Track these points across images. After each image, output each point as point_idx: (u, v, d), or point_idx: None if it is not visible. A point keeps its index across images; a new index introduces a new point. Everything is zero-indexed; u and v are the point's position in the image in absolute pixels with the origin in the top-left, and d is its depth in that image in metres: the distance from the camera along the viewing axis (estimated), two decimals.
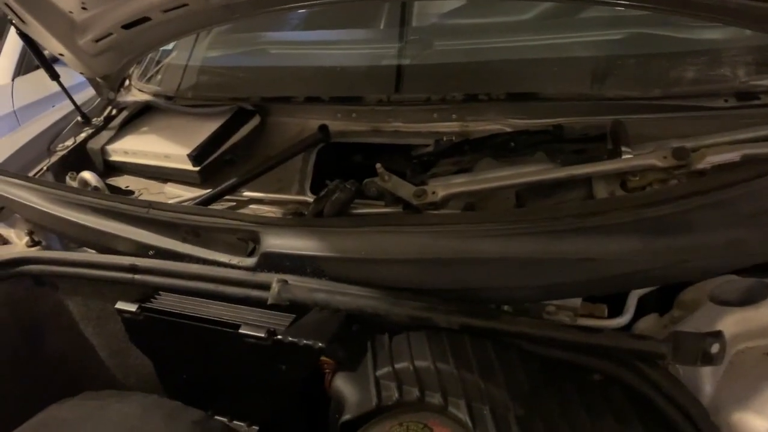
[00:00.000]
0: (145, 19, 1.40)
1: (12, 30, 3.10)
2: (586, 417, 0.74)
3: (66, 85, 1.72)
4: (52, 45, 1.50)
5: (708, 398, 0.75)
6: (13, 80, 2.98)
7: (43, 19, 1.42)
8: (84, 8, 1.40)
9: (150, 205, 1.11)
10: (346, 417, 0.80)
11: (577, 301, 0.88)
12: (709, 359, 0.70)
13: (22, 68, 3.07)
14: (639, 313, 0.92)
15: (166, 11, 1.35)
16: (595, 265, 0.75)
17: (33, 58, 3.09)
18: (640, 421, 0.73)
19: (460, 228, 0.83)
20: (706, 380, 0.76)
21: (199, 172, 1.46)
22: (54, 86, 3.11)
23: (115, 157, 1.62)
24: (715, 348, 0.69)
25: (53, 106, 2.96)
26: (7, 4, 1.36)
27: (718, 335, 0.70)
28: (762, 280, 0.84)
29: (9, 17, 1.46)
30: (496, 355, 0.80)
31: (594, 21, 1.37)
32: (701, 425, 0.69)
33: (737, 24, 1.05)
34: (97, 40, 1.49)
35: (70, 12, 1.42)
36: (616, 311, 0.89)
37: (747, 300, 0.82)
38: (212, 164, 1.47)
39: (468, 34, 1.53)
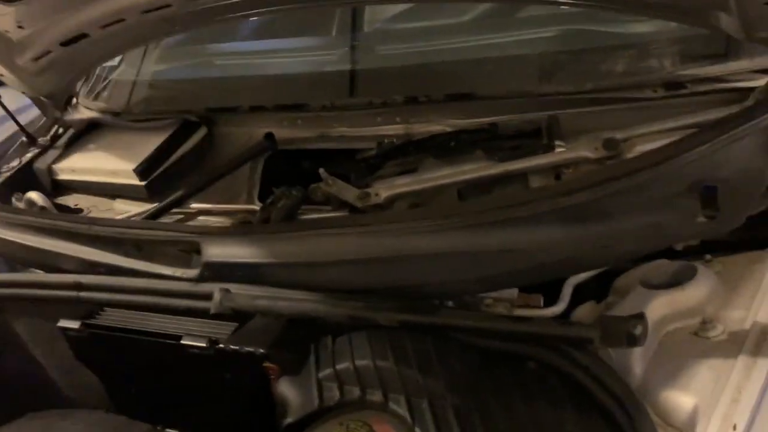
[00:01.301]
0: (83, 36, 1.39)
1: None
2: (521, 403, 0.75)
3: (12, 107, 1.70)
4: None
5: (639, 379, 0.77)
6: None
7: None
8: (20, 27, 1.39)
9: (91, 221, 1.11)
10: (289, 420, 0.80)
11: (513, 292, 0.90)
12: (633, 341, 0.72)
13: None
14: (577, 301, 0.94)
15: (104, 27, 1.35)
16: (520, 256, 0.77)
17: None
18: (573, 404, 0.75)
19: (394, 227, 0.85)
20: (636, 362, 0.78)
21: (146, 186, 1.45)
22: None
23: (62, 176, 1.60)
24: (638, 330, 0.72)
25: None
26: None
27: (640, 317, 0.73)
28: (688, 262, 0.87)
29: None
30: (435, 350, 0.82)
31: (529, 19, 1.40)
32: (628, 405, 0.71)
33: (663, 17, 1.09)
34: (37, 59, 1.47)
35: (7, 31, 1.40)
36: (553, 300, 0.91)
37: (675, 282, 0.84)
38: (159, 178, 1.47)
39: (413, 37, 1.55)
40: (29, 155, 1.66)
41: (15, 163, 1.64)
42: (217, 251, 0.97)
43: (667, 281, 0.85)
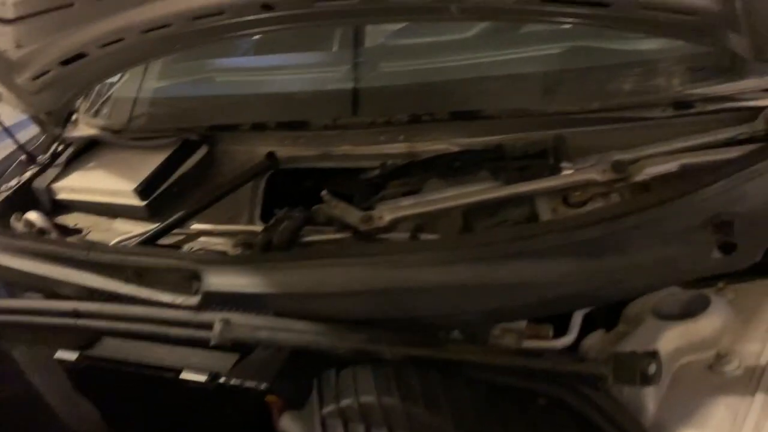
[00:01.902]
0: (82, 55, 1.38)
1: None
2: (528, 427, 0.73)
3: (9, 122, 1.68)
4: None
5: (651, 416, 0.75)
6: None
7: None
8: (19, 46, 1.37)
9: (90, 247, 1.09)
10: None
11: (522, 323, 0.88)
12: (647, 380, 0.70)
13: None
14: (587, 328, 0.92)
15: (103, 46, 1.33)
16: (531, 289, 0.75)
17: None
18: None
19: (401, 258, 0.83)
20: (649, 399, 0.75)
21: (146, 206, 1.43)
22: None
23: (62, 195, 1.58)
24: (652, 368, 0.69)
25: None
26: None
27: (653, 355, 0.70)
28: (701, 292, 0.85)
29: None
30: (441, 385, 0.80)
31: (534, 36, 1.38)
32: None
33: (672, 36, 1.07)
34: (36, 78, 1.46)
35: (5, 51, 1.39)
36: (562, 330, 0.89)
37: (688, 313, 0.82)
38: (159, 198, 1.45)
39: (416, 54, 1.53)
40: (28, 174, 1.65)
41: (14, 182, 1.63)
42: (217, 280, 0.95)
43: (679, 311, 0.83)
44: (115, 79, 1.81)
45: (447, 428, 0.75)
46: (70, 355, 1.02)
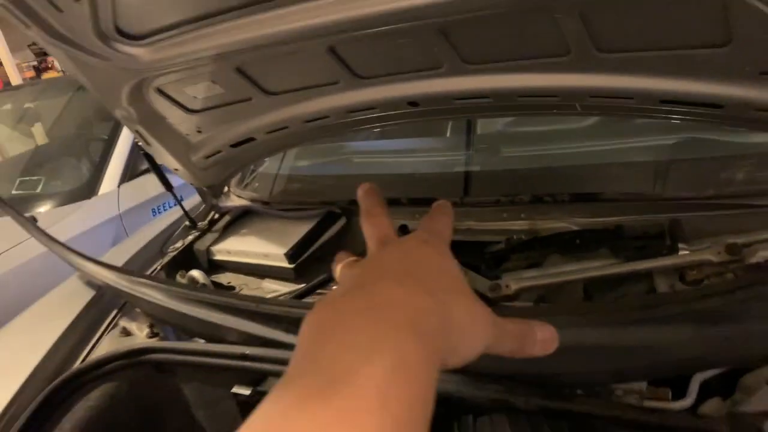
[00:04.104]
0: (250, 139, 1.63)
1: (119, 144, 3.52)
2: None
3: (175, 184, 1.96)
4: (169, 161, 1.76)
5: None
6: (119, 187, 3.32)
7: (164, 142, 1.67)
8: (199, 131, 1.65)
9: (260, 300, 1.28)
10: None
11: (642, 385, 0.97)
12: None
13: (126, 177, 3.43)
14: (704, 396, 1.00)
15: (269, 132, 1.58)
16: (654, 352, 0.85)
17: (134, 167, 3.46)
18: None
19: (542, 317, 0.95)
20: None
21: (294, 269, 1.63)
22: (149, 192, 3.47)
23: (218, 257, 1.82)
24: (766, 425, 0.77)
25: (152, 210, 3.30)
26: (137, 131, 1.62)
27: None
28: None
29: (136, 139, 1.72)
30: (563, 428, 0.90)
31: (648, 126, 1.51)
32: None
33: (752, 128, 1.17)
34: (208, 157, 1.73)
35: (187, 135, 1.67)
36: (680, 395, 0.98)
37: None
38: (305, 261, 1.65)
39: (530, 141, 1.69)
40: (190, 237, 1.91)
41: (179, 244, 1.89)
42: None
43: None
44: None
45: None
46: (245, 390, 1.20)
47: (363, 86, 1.34)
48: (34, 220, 1.74)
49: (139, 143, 1.71)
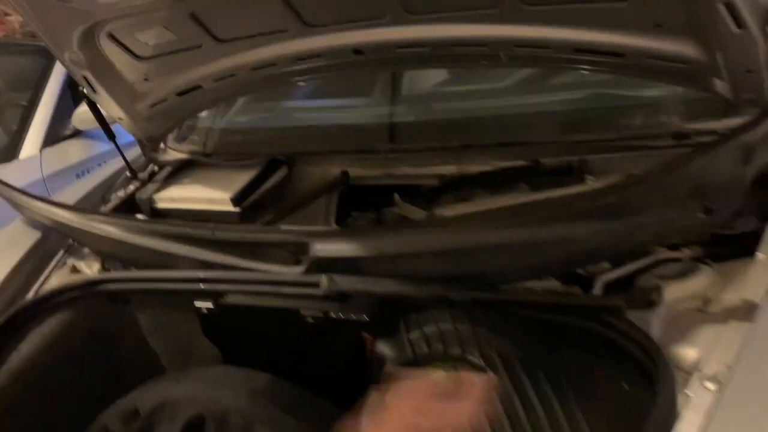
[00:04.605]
0: (197, 87, 1.71)
1: (39, 110, 3.44)
2: (569, 354, 1.00)
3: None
4: (113, 110, 1.80)
5: (656, 337, 1.02)
6: (41, 151, 3.27)
7: (110, 89, 1.72)
8: (146, 80, 1.71)
9: (214, 227, 1.38)
10: (389, 367, 1.05)
11: (556, 285, 1.16)
12: (651, 304, 0.97)
13: (48, 142, 3.37)
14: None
15: (216, 80, 1.67)
16: (566, 246, 1.03)
17: (56, 132, 3.41)
18: (609, 356, 0.99)
19: (470, 224, 1.11)
20: (655, 327, 1.02)
21: (239, 213, 1.72)
22: (74, 157, 3.43)
23: (161, 205, 1.88)
24: (654, 295, 0.97)
25: (77, 175, 3.26)
26: (84, 77, 1.66)
27: (656, 288, 0.98)
28: (695, 262, 1.13)
29: (82, 87, 1.76)
30: (500, 319, 1.07)
31: (560, 84, 1.71)
32: (654, 356, 0.95)
33: (670, 82, 1.39)
34: (153, 105, 1.79)
35: (134, 82, 1.72)
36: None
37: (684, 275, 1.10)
38: (250, 207, 1.75)
39: (458, 97, 1.87)
40: (132, 187, 1.96)
41: (121, 194, 1.94)
42: (322, 247, 1.23)
43: (677, 275, 1.11)
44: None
45: (506, 346, 1.02)
46: (207, 303, 1.29)
47: (310, 34, 1.45)
48: None
49: (84, 90, 1.75)
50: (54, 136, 3.39)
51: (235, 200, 1.73)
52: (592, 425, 0.91)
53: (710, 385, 0.87)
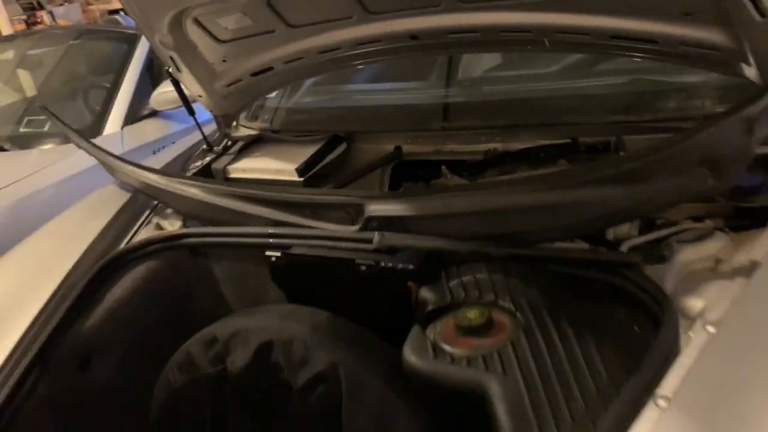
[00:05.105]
0: (269, 69, 1.91)
1: (121, 91, 3.74)
2: (590, 303, 1.13)
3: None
4: (194, 88, 2.01)
5: (669, 291, 1.14)
6: (122, 129, 3.56)
7: (193, 69, 1.93)
8: (224, 61, 1.92)
9: (283, 189, 1.57)
10: (429, 308, 1.21)
11: (585, 246, 1.29)
12: (663, 259, 1.10)
13: (129, 121, 3.66)
14: None
15: (287, 62, 1.86)
16: (594, 208, 1.17)
17: (135, 112, 3.70)
18: (625, 305, 1.13)
19: (505, 188, 1.26)
20: (668, 282, 1.15)
21: (303, 182, 1.91)
22: (151, 135, 3.71)
23: (234, 175, 2.08)
24: (666, 252, 1.10)
25: (153, 152, 3.54)
26: (171, 57, 1.88)
27: (668, 246, 1.11)
28: (708, 227, 1.25)
29: (167, 67, 1.98)
30: (531, 272, 1.22)
31: (601, 71, 1.83)
32: (662, 303, 1.08)
33: (700, 67, 1.49)
34: (229, 85, 2.00)
35: (213, 63, 1.93)
36: None
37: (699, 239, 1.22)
38: (312, 177, 1.94)
39: (505, 81, 2.01)
40: (208, 159, 2.18)
41: (198, 164, 2.16)
42: (375, 207, 1.39)
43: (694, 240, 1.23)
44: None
45: (535, 294, 1.16)
46: (276, 253, 1.48)
47: (372, 21, 1.62)
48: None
49: (170, 69, 1.97)
50: (134, 115, 3.68)
51: (300, 171, 1.91)
52: (605, 362, 1.05)
53: (711, 329, 1.00)
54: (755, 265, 1.08)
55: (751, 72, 1.34)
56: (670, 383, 0.93)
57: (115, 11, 6.45)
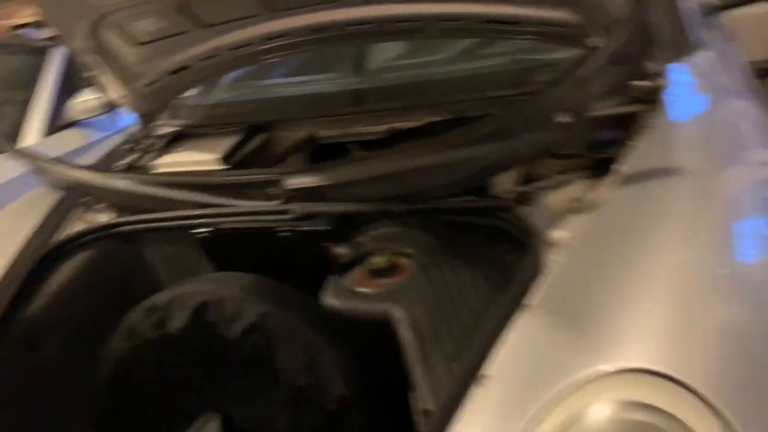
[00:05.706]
0: (185, 67, 2.06)
1: (38, 101, 3.77)
2: (475, 241, 1.37)
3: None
4: (116, 90, 2.14)
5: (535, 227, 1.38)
6: (41, 140, 3.61)
7: (114, 70, 2.06)
8: (143, 61, 2.06)
9: (207, 173, 1.73)
10: (344, 260, 1.42)
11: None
12: (529, 201, 1.36)
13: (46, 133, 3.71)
14: None
15: (202, 60, 2.02)
16: (474, 163, 1.40)
17: (55, 123, 3.73)
18: (502, 241, 1.36)
19: (401, 154, 1.48)
20: (535, 219, 1.39)
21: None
22: (71, 144, 3.75)
23: (160, 170, 2.22)
24: (530, 193, 1.35)
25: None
26: (93, 60, 2.00)
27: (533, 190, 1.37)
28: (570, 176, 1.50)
29: (87, 74, 2.10)
30: (427, 223, 1.44)
31: (488, 53, 2.09)
32: (531, 236, 1.31)
33: (554, 42, 1.76)
34: (148, 85, 2.14)
35: (133, 65, 2.07)
36: None
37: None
38: (237, 165, 2.10)
39: (406, 68, 2.24)
40: (133, 156, 2.29)
41: (123, 162, 2.27)
42: (291, 181, 1.58)
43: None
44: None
45: (427, 239, 1.39)
46: (204, 231, 1.64)
47: (275, 18, 1.81)
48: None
49: (92, 73, 2.09)
50: (53, 126, 3.72)
51: (225, 159, 2.08)
52: (486, 286, 1.28)
53: (567, 251, 1.25)
54: (604, 201, 1.33)
55: (597, 43, 1.61)
56: (535, 295, 1.17)
57: (21, 26, 6.32)
